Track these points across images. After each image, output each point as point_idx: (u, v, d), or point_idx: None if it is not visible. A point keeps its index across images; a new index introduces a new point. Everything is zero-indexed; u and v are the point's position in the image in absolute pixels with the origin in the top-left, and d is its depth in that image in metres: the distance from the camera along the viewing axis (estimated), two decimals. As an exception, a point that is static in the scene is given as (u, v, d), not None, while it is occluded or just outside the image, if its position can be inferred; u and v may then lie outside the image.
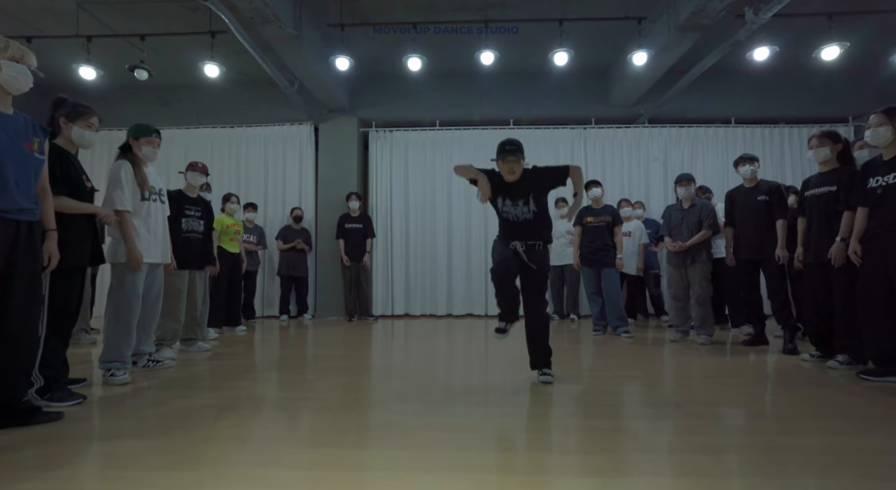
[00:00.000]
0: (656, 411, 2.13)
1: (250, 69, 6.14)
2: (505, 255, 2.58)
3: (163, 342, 3.35)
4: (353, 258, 6.04)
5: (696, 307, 4.09)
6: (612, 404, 2.25)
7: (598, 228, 4.65)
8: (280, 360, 3.44)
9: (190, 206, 3.62)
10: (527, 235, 2.57)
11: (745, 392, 2.47)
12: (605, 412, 2.10)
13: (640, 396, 2.39)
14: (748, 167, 3.88)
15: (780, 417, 2.02)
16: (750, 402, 2.29)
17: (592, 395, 2.39)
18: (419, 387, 2.58)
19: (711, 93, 6.34)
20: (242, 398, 2.35)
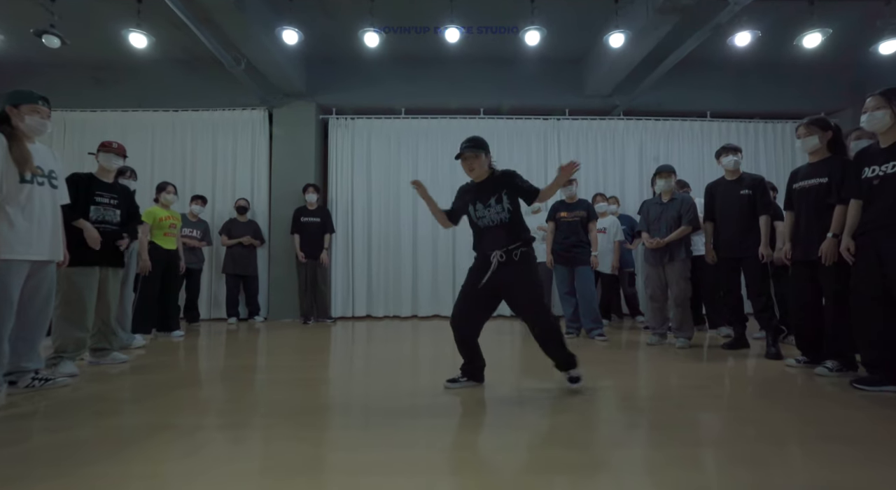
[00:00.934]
0: (630, 434, 1.79)
1: (196, 47, 5.55)
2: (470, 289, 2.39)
3: (62, 354, 2.82)
4: (310, 255, 5.55)
5: (674, 308, 3.81)
6: (580, 426, 1.90)
7: (571, 224, 4.33)
8: (212, 371, 2.96)
9: (102, 193, 3.09)
10: (506, 240, 2.35)
11: (731, 406, 2.17)
12: (570, 438, 1.74)
13: (614, 413, 2.05)
14: (731, 158, 3.62)
15: (773, 440, 1.71)
16: (737, 419, 1.97)
17: (559, 415, 2.03)
18: (381, 402, 2.17)
19: (688, 85, 6.13)
20: (142, 428, 1.88)
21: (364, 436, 1.79)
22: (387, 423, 1.92)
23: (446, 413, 2.10)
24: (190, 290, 5.36)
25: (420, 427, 1.88)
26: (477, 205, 2.42)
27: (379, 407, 2.17)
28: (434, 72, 6.13)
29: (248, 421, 1.98)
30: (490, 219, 2.39)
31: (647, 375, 2.84)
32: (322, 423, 1.95)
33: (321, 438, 1.78)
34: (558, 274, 4.39)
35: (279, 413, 2.07)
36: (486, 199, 2.40)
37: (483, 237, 2.43)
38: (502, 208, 2.37)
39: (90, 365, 3.15)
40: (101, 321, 3.14)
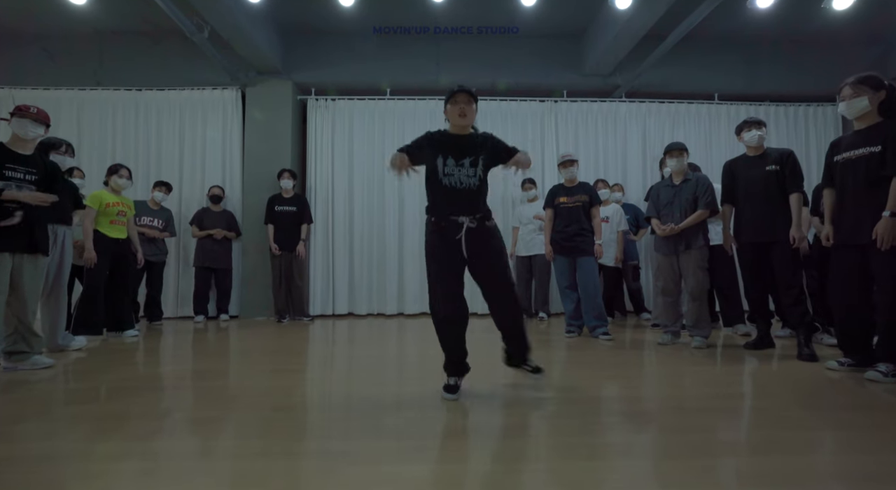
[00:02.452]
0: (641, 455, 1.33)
1: (159, 17, 5.03)
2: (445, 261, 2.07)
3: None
4: (285, 247, 5.06)
5: (690, 302, 3.37)
6: (583, 444, 1.43)
7: (572, 210, 3.87)
8: (151, 378, 2.46)
9: (14, 166, 2.57)
10: (471, 209, 2.09)
11: (766, 421, 1.72)
12: (569, 467, 1.28)
13: (622, 428, 1.59)
14: (754, 133, 3.18)
15: (829, 471, 1.27)
16: (777, 439, 1.52)
17: (557, 432, 1.57)
18: (364, 413, 1.69)
19: (694, 65, 5.70)
20: (17, 460, 1.39)
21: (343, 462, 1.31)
22: (372, 447, 1.44)
23: (434, 427, 1.62)
24: (151, 286, 4.84)
25: (409, 444, 1.41)
26: (448, 160, 2.11)
27: (361, 420, 1.69)
28: (422, 48, 5.64)
29: (164, 444, 1.49)
30: (458, 179, 2.10)
31: (661, 381, 2.39)
32: (278, 448, 1.47)
33: (271, 470, 1.30)
34: (558, 266, 3.93)
35: (211, 431, 1.59)
36: (460, 156, 2.11)
37: (445, 198, 2.11)
38: (475, 173, 2.11)
39: (5, 371, 2.65)
40: (16, 319, 2.64)
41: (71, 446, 1.52)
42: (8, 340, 2.63)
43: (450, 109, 2.16)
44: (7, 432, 1.66)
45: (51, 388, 2.29)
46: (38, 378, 2.51)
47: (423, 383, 2.30)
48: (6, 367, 2.66)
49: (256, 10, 4.35)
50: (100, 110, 5.52)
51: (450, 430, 1.69)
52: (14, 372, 2.63)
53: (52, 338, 3.19)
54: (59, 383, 2.41)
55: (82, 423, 1.73)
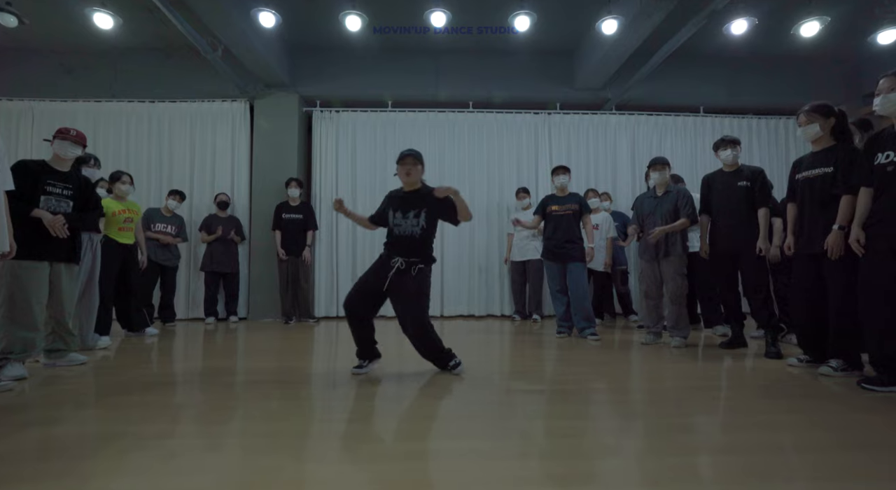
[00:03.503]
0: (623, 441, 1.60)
1: (170, 33, 5.31)
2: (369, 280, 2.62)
3: (8, 356, 2.58)
4: (291, 252, 5.32)
5: (670, 305, 3.66)
6: (567, 433, 1.71)
7: (563, 218, 4.16)
8: (174, 373, 2.73)
9: (55, 182, 2.84)
10: (410, 252, 2.59)
11: (732, 409, 1.99)
12: (557, 446, 1.55)
13: (606, 418, 1.86)
14: (729, 152, 3.46)
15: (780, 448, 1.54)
16: (740, 425, 1.79)
17: (546, 420, 1.84)
18: (365, 409, 1.97)
19: (680, 79, 6.01)
20: (72, 438, 1.66)
21: (349, 450, 1.59)
22: (368, 437, 1.71)
23: (420, 418, 1.90)
24: (165, 289, 5.10)
25: (403, 440, 1.68)
26: (397, 213, 2.65)
27: (364, 416, 1.96)
28: (422, 63, 5.94)
29: (216, 429, 1.76)
30: (404, 229, 2.61)
31: (641, 376, 2.66)
32: (302, 430, 1.74)
33: (301, 448, 1.58)
34: (549, 271, 4.22)
35: (249, 420, 1.86)
36: (406, 209, 2.63)
37: (393, 241, 2.65)
38: (417, 224, 2.60)
39: (45, 367, 2.91)
40: (54, 321, 2.90)
41: (118, 428, 1.79)
42: (47, 340, 2.89)
43: (399, 170, 2.66)
44: (54, 418, 1.92)
45: (87, 381, 2.55)
46: (75, 373, 2.77)
47: (421, 383, 2.57)
48: (46, 363, 2.93)
49: (266, 30, 4.63)
50: (114, 121, 5.78)
51: (438, 416, 1.96)
52: (53, 368, 2.90)
53: (84, 337, 3.45)
54: (94, 377, 2.67)
55: (122, 410, 2.00)
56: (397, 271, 2.55)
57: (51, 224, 2.76)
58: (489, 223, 5.91)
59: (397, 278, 2.55)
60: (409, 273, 2.56)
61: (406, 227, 2.61)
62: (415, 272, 2.56)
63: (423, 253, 2.62)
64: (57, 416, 1.93)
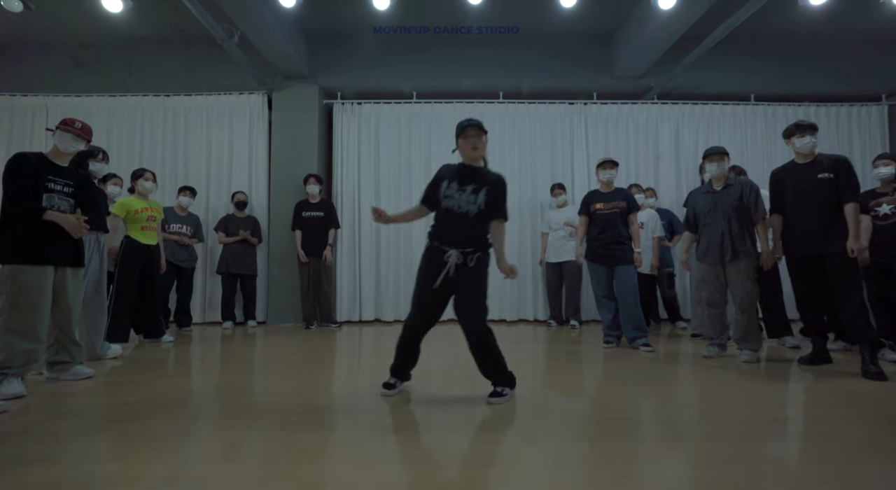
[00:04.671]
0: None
1: (188, 24, 5.06)
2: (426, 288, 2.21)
3: (6, 371, 2.31)
4: (312, 253, 5.02)
5: (739, 314, 3.24)
6: (614, 474, 1.33)
7: (609, 217, 3.76)
8: (187, 391, 2.42)
9: (55, 178, 2.56)
10: (464, 239, 2.19)
11: (854, 455, 1.57)
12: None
13: (694, 461, 1.48)
14: (808, 139, 3.03)
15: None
16: (873, 482, 1.39)
17: (587, 460, 1.47)
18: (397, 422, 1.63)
19: (729, 64, 5.52)
20: (67, 484, 1.36)
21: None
22: (408, 458, 1.37)
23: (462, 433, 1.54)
24: (181, 292, 4.85)
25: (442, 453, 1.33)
26: (453, 184, 2.22)
27: (408, 457, 1.62)
28: (448, 51, 5.57)
29: (233, 471, 1.44)
30: (457, 203, 2.19)
31: (707, 399, 2.26)
32: (336, 477, 1.40)
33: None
34: (595, 274, 3.82)
35: (266, 456, 1.53)
36: (465, 182, 2.21)
37: (441, 223, 2.25)
38: (474, 201, 2.19)
39: (48, 381, 2.64)
40: (59, 330, 2.63)
41: (120, 469, 1.47)
42: (50, 351, 2.62)
43: (462, 143, 2.25)
44: (53, 453, 1.62)
45: (91, 402, 2.26)
46: (79, 389, 2.49)
47: (457, 393, 2.22)
48: (49, 377, 2.66)
49: (285, 15, 4.32)
50: (129, 116, 5.55)
51: (474, 438, 1.61)
52: (56, 382, 2.63)
53: (91, 347, 3.19)
54: (100, 395, 2.38)
55: (127, 442, 1.69)
56: (454, 268, 2.16)
57: (74, 227, 2.49)
58: (521, 221, 5.52)
59: (455, 274, 2.17)
60: (465, 266, 2.18)
61: (460, 203, 2.18)
62: (472, 262, 2.18)
63: (479, 239, 2.22)
64: (50, 453, 1.62)
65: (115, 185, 3.97)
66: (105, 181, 3.88)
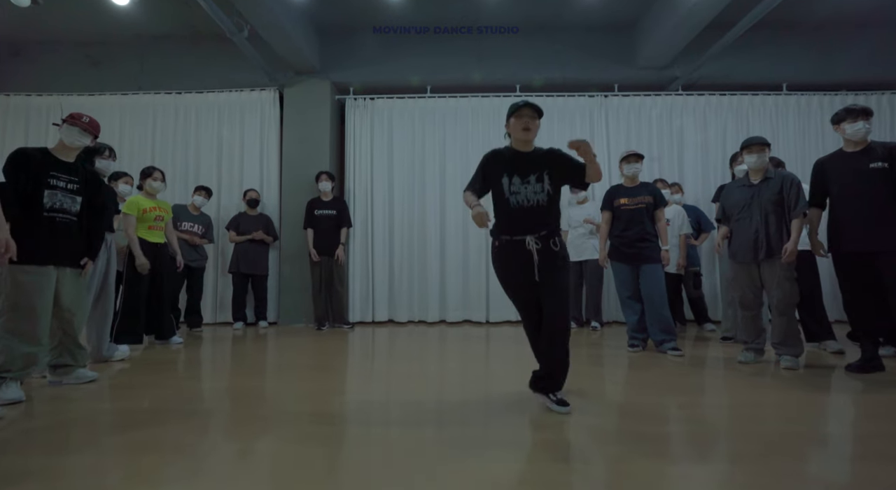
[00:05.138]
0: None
1: (199, 21, 4.99)
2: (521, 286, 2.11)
3: (5, 375, 2.22)
4: (324, 252, 4.91)
5: (777, 317, 3.00)
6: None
7: (635, 213, 3.55)
8: (195, 397, 2.31)
9: (59, 174, 2.47)
10: (538, 227, 2.08)
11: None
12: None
13: (711, 485, 1.28)
14: (861, 125, 2.79)
15: None
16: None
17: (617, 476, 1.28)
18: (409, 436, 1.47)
19: (760, 53, 5.25)
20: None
21: None
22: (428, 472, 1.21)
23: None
24: (192, 292, 4.78)
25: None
26: (514, 178, 2.10)
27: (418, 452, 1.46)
28: (463, 43, 5.40)
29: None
30: (525, 197, 2.09)
31: (753, 411, 2.05)
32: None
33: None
34: (619, 274, 3.61)
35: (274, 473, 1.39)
36: (526, 173, 2.10)
37: (510, 218, 2.12)
38: (542, 189, 2.09)
39: (51, 385, 2.56)
40: (62, 332, 2.54)
41: (119, 485, 1.34)
42: (53, 353, 2.54)
43: (514, 123, 2.12)
44: (53, 465, 1.50)
45: (94, 408, 2.16)
46: (82, 394, 2.40)
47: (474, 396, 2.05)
48: (51, 380, 2.58)
49: (296, 9, 4.20)
50: (141, 114, 5.52)
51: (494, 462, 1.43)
52: (59, 386, 2.54)
53: (97, 349, 3.12)
54: (103, 401, 2.28)
55: (127, 455, 1.57)
56: (536, 254, 2.05)
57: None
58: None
59: (543, 263, 2.05)
60: (549, 250, 2.07)
61: (528, 195, 2.08)
62: (557, 247, 2.09)
63: (553, 224, 2.13)
64: (50, 465, 1.51)
65: (125, 183, 3.91)
66: (115, 179, 3.82)
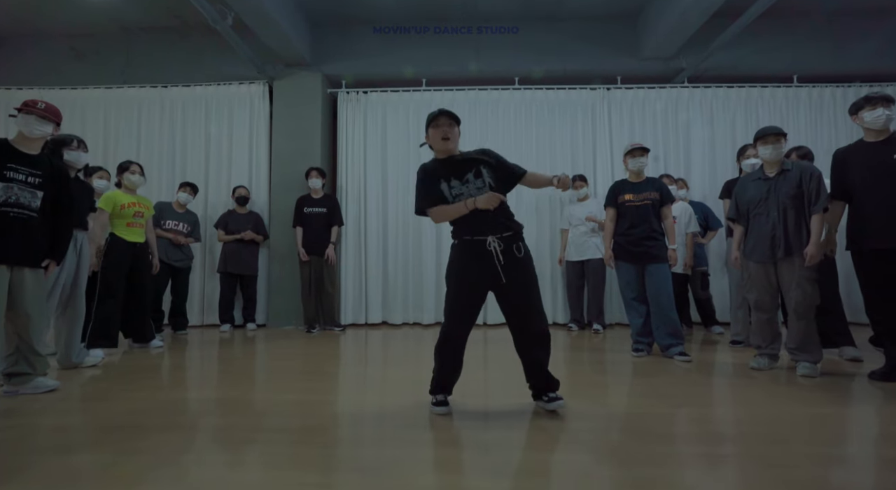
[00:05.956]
0: None
1: (184, 10, 4.80)
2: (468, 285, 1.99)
3: (-51, 386, 2.02)
4: (314, 251, 4.70)
5: (795, 321, 2.78)
6: None
7: (640, 209, 3.34)
8: (168, 410, 2.10)
9: (17, 166, 2.27)
10: (498, 227, 1.99)
11: None
12: None
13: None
14: (881, 112, 2.58)
15: None
16: None
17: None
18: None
19: (770, 43, 5.03)
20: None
21: None
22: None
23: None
24: (177, 293, 4.58)
25: None
26: (452, 181, 2.04)
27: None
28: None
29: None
30: (470, 195, 2.01)
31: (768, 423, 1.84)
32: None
33: None
34: (625, 274, 3.40)
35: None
36: (460, 173, 2.04)
37: (467, 220, 2.01)
38: (483, 183, 2.02)
39: (6, 395, 2.36)
40: (17, 337, 2.35)
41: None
42: (8, 360, 2.34)
43: (432, 134, 2.07)
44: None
45: (42, 423, 1.95)
46: (39, 406, 2.20)
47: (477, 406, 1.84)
48: (7, 390, 2.37)
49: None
50: (126, 109, 5.32)
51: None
52: (14, 396, 2.34)
53: (66, 354, 2.91)
54: (59, 415, 2.08)
55: (63, 485, 1.36)
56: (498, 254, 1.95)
57: None
58: (539, 217, 5.12)
59: (508, 263, 1.96)
60: (511, 254, 1.98)
61: (471, 192, 2.01)
62: (521, 253, 2.00)
63: (510, 221, 2.03)
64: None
65: (100, 178, 3.72)
66: (90, 175, 3.62)
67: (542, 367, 2.03)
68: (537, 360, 2.02)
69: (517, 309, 2.01)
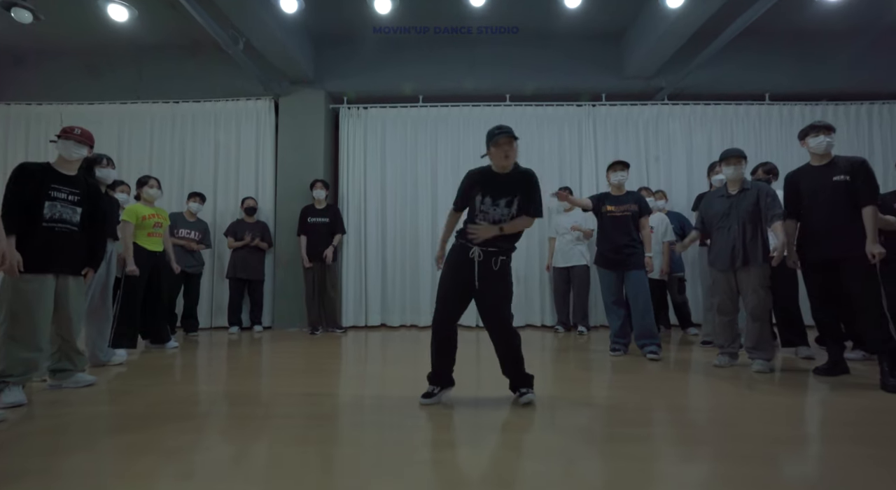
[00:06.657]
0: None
1: (193, 29, 5.09)
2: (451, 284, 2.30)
3: (7, 380, 2.33)
4: (317, 258, 5.01)
5: (750, 323, 3.12)
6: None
7: (620, 220, 3.67)
8: (190, 400, 2.41)
9: (60, 186, 2.58)
10: (489, 242, 2.28)
11: (873, 476, 1.48)
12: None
13: (686, 482, 1.40)
14: (822, 139, 2.93)
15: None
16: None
17: (596, 474, 1.40)
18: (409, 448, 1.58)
19: (744, 63, 5.38)
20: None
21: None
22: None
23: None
24: (188, 297, 4.88)
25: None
26: (486, 199, 2.31)
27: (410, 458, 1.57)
28: (454, 53, 5.52)
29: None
30: (492, 218, 2.30)
31: (725, 413, 2.17)
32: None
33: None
34: (605, 280, 3.73)
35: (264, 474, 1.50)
36: (499, 196, 2.30)
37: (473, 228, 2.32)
38: (507, 213, 2.30)
39: (50, 389, 2.66)
40: (61, 338, 2.65)
41: (117, 484, 1.45)
42: (53, 358, 2.64)
43: (494, 151, 2.28)
44: (52, 467, 1.61)
45: (92, 411, 2.26)
46: (80, 397, 2.50)
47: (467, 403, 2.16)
48: (51, 384, 2.68)
49: (290, 20, 4.33)
50: (139, 123, 5.63)
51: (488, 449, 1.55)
52: (58, 390, 2.64)
53: (94, 353, 3.22)
54: (101, 404, 2.39)
55: (124, 455, 1.67)
56: (478, 265, 2.26)
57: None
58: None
59: (482, 273, 2.26)
60: (489, 266, 2.27)
61: (494, 216, 2.30)
62: (497, 266, 2.28)
63: (505, 246, 2.32)
64: (49, 466, 1.61)
65: (122, 192, 4.03)
66: (113, 188, 3.93)
67: (513, 363, 2.33)
68: (507, 356, 2.33)
69: (485, 314, 2.33)
